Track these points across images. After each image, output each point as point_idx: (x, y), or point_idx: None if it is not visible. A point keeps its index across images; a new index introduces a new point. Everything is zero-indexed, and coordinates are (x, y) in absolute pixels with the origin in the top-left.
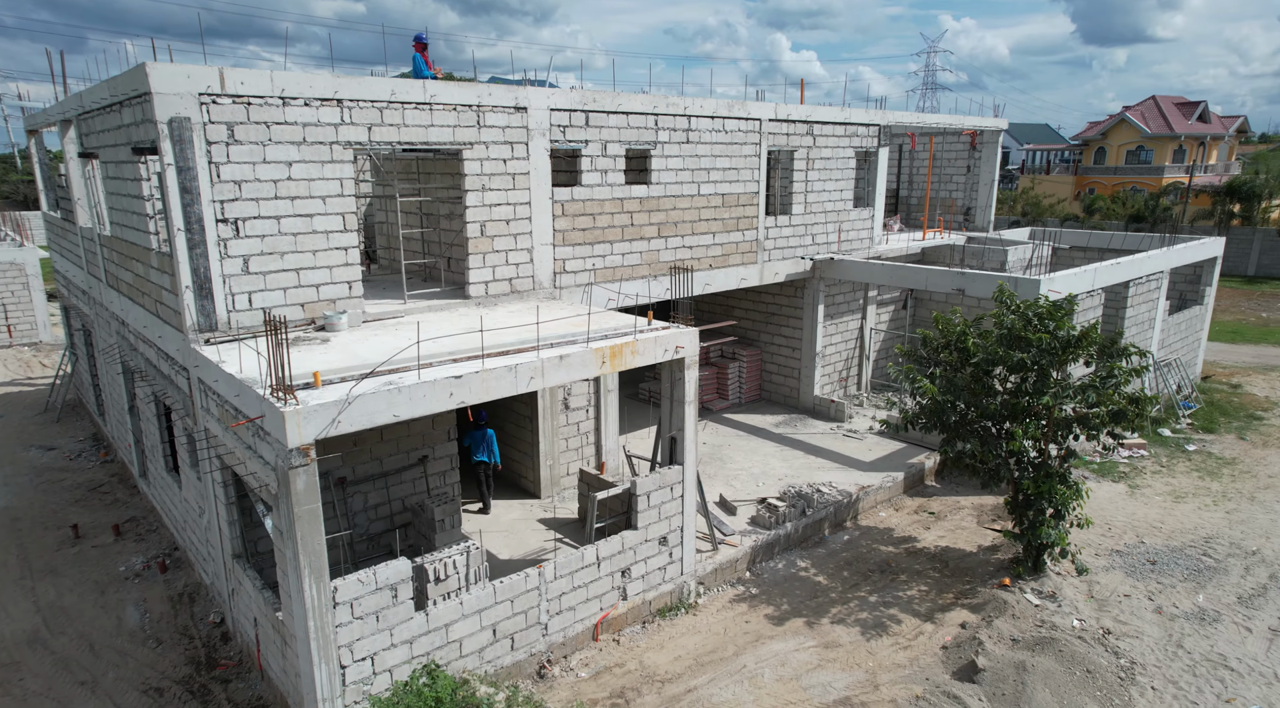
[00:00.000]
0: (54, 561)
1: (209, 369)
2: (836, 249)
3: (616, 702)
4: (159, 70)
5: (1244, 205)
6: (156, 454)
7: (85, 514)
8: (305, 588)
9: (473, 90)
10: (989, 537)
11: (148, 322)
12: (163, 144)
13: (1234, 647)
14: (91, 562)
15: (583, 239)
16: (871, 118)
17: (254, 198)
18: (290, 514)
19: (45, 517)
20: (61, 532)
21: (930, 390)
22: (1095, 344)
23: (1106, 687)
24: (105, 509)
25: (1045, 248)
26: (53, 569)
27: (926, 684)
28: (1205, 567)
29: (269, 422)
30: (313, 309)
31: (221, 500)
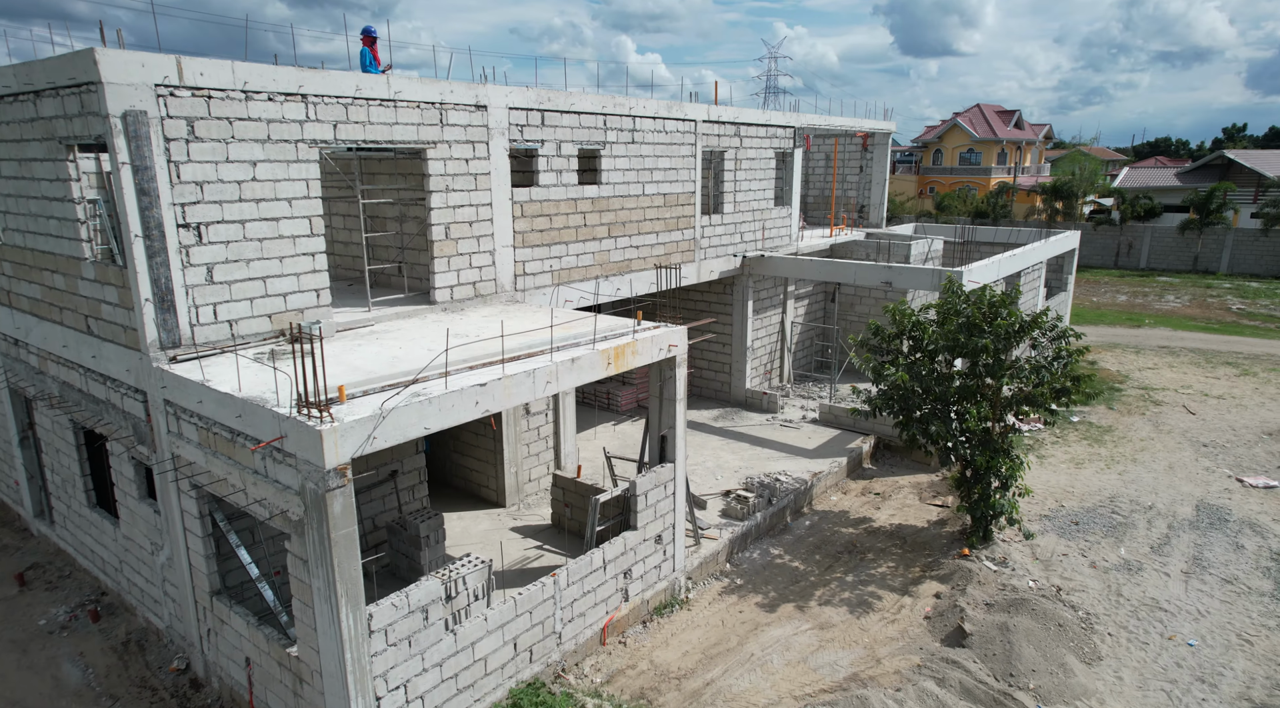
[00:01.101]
0: None
1: (188, 389)
2: (761, 246)
3: (640, 704)
4: (110, 58)
5: (1065, 203)
6: (73, 490)
7: None
8: (343, 618)
9: (435, 88)
10: (934, 512)
11: (70, 340)
12: (115, 140)
13: (1160, 590)
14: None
15: (540, 240)
16: (788, 120)
17: (217, 201)
18: (325, 540)
19: None
20: None
21: (903, 378)
22: (1041, 328)
23: (1076, 637)
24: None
25: (939, 242)
26: None
27: (922, 653)
28: (1117, 523)
29: (294, 442)
30: (281, 320)
31: (197, 533)
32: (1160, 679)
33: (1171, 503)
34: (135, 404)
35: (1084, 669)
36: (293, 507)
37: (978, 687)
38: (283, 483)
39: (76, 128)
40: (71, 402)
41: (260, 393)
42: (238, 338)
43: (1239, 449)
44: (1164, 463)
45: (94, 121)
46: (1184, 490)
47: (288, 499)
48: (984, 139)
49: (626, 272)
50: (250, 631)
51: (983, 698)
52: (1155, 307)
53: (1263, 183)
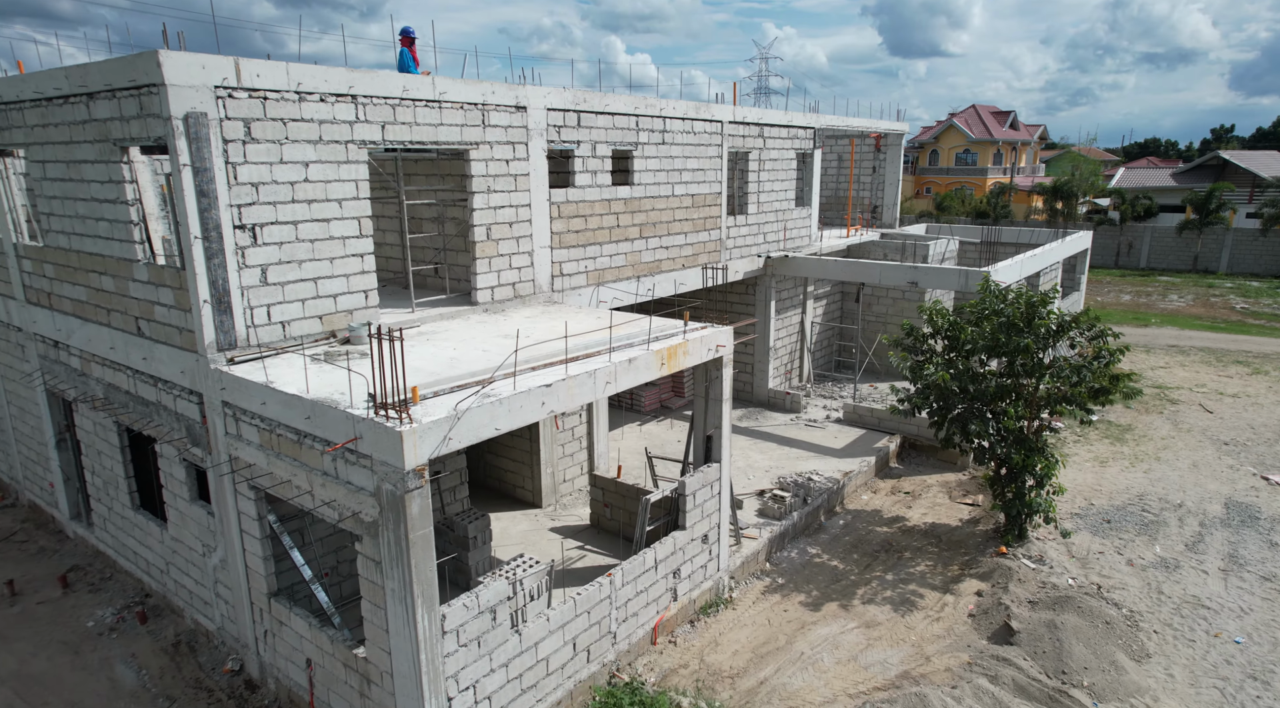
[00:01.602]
0: None
1: (250, 391)
2: (783, 247)
3: (696, 703)
4: (174, 60)
5: (1065, 203)
6: (115, 492)
7: (9, 569)
8: (419, 618)
9: (477, 88)
10: (965, 511)
11: (118, 342)
12: (176, 142)
13: (1200, 588)
14: (45, 620)
15: (576, 241)
16: (809, 121)
17: (271, 202)
18: (403, 541)
19: None
20: None
21: (944, 378)
22: (1082, 327)
23: (1124, 635)
24: (32, 560)
25: (954, 243)
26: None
27: (970, 651)
28: (1149, 521)
29: (370, 443)
30: (331, 321)
31: (255, 535)
32: (1212, 677)
33: (1200, 501)
34: (189, 406)
35: (1134, 667)
36: (366, 508)
37: (1031, 684)
38: (355, 485)
39: (134, 130)
40: (117, 404)
41: (329, 394)
42: (290, 339)
43: (1260, 447)
44: (1188, 461)
45: (154, 123)
46: (1211, 488)
47: (361, 501)
48: (980, 140)
49: (657, 272)
50: (313, 632)
51: (1037, 695)
52: (1160, 306)
53: (1258, 183)
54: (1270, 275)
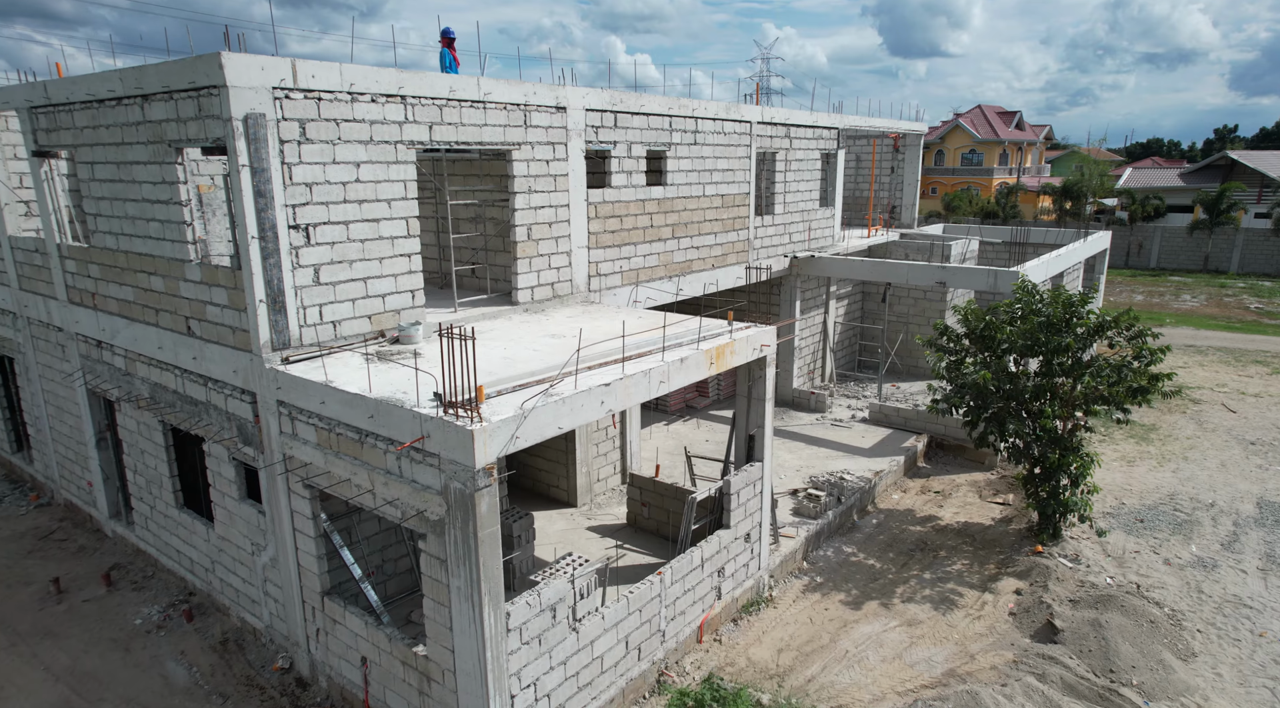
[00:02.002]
0: (43, 621)
1: (308, 390)
2: (807, 247)
3: (776, 700)
4: (235, 61)
5: (1074, 203)
6: (159, 491)
7: (51, 567)
8: (485, 616)
9: (520, 89)
10: (996, 510)
11: (166, 342)
12: (236, 143)
13: (1240, 588)
14: (92, 618)
15: (612, 241)
16: (833, 122)
17: (324, 202)
18: (471, 539)
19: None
20: (33, 588)
21: (985, 377)
22: (1121, 326)
23: (1169, 634)
24: (73, 559)
25: (975, 243)
26: (47, 631)
27: (1014, 649)
28: (1182, 520)
29: (438, 442)
30: (379, 321)
31: (309, 534)
32: (1261, 676)
33: (1232, 500)
34: (241, 405)
35: (1181, 666)
36: (432, 507)
37: (1080, 683)
38: (421, 483)
39: (191, 131)
40: (164, 403)
41: (392, 393)
42: (341, 339)
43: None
44: (1215, 461)
45: (213, 124)
46: (1241, 488)
47: (426, 499)
48: (986, 140)
49: (688, 272)
50: (370, 631)
51: (1087, 694)
52: (1173, 306)
53: (1267, 183)
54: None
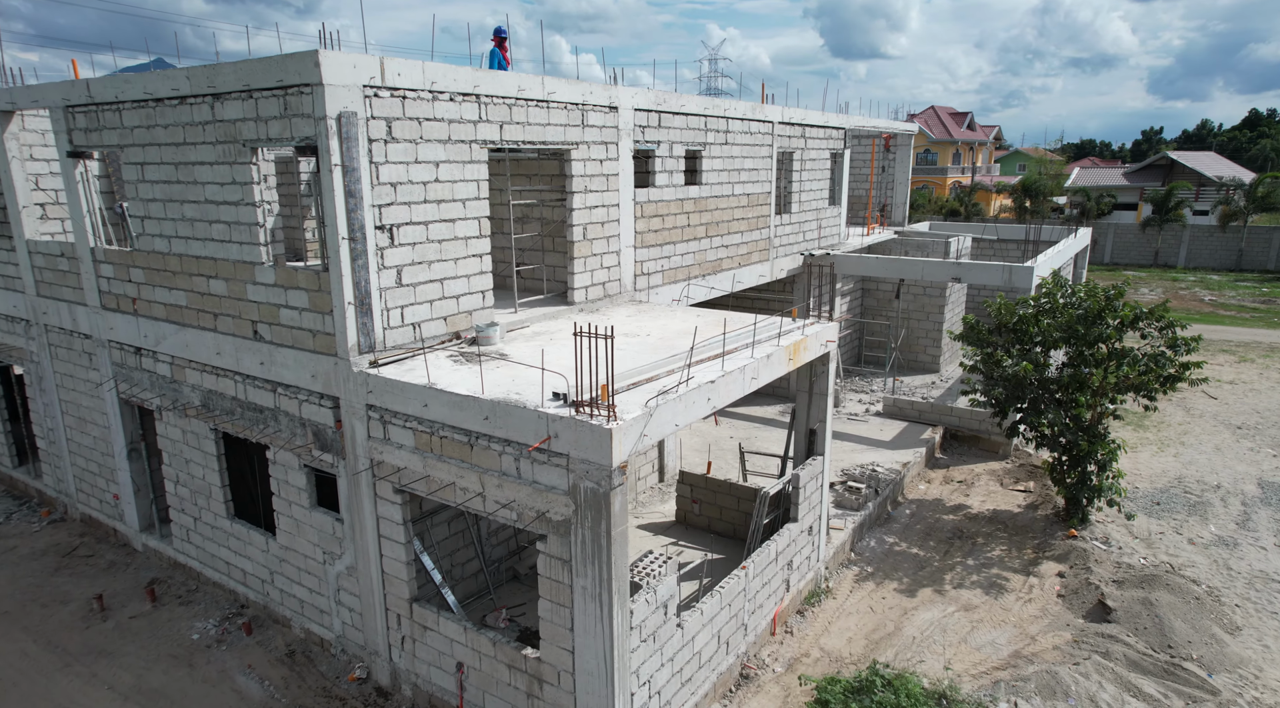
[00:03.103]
0: (93, 639)
1: (407, 393)
2: (819, 245)
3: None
4: (331, 59)
5: (1032, 201)
6: (206, 501)
7: (84, 584)
8: (614, 616)
9: (578, 89)
10: (1020, 497)
11: (226, 347)
12: (329, 142)
13: (1264, 564)
14: (144, 634)
15: (655, 240)
16: (841, 122)
17: (407, 202)
18: (603, 538)
19: (31, 594)
20: (72, 606)
21: (1027, 368)
22: (1154, 318)
23: (1213, 610)
24: (105, 575)
25: (968, 240)
26: (101, 649)
27: (1071, 630)
28: (1194, 502)
29: (568, 442)
30: (454, 323)
31: (398, 540)
32: None
33: (1235, 482)
34: (319, 411)
35: (1231, 639)
36: (556, 507)
37: (1143, 659)
38: (545, 484)
39: (273, 130)
40: (219, 411)
41: (505, 394)
42: (420, 341)
43: (1272, 431)
44: (1210, 445)
45: (301, 123)
46: (1240, 470)
47: (549, 500)
48: (940, 140)
49: (719, 270)
50: (470, 635)
51: (1152, 669)
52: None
53: (1203, 182)
54: (1225, 269)
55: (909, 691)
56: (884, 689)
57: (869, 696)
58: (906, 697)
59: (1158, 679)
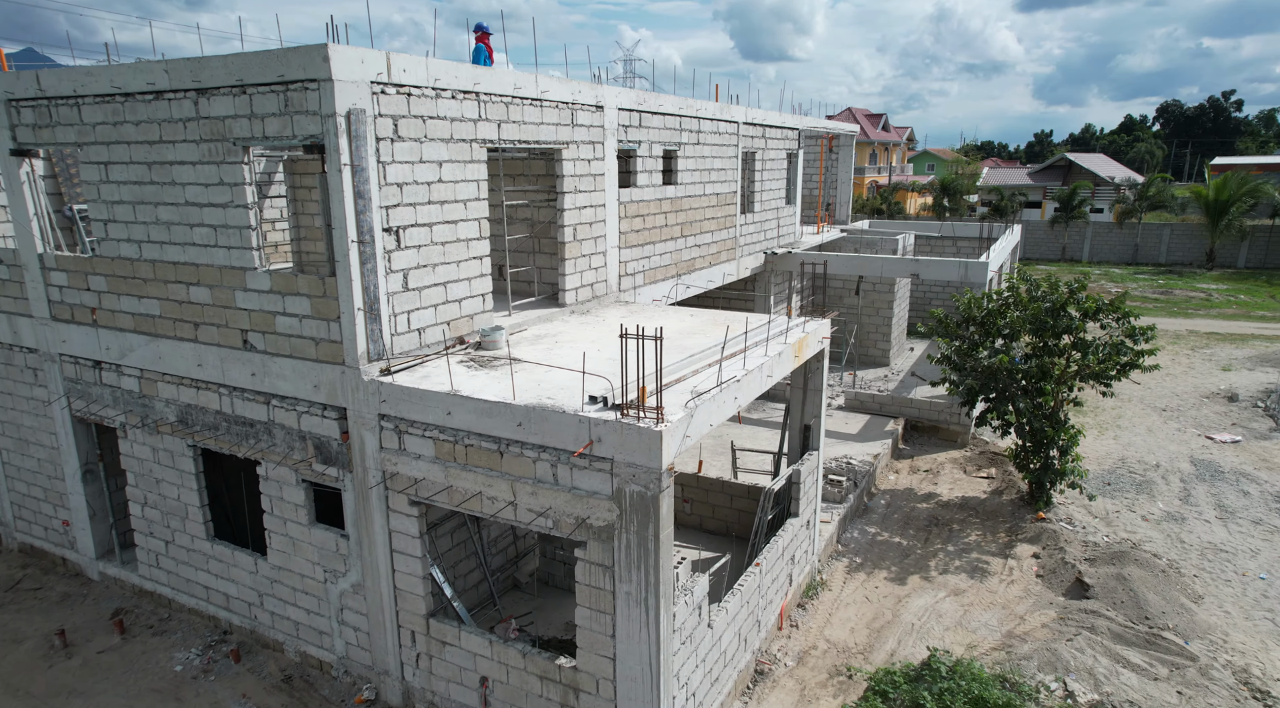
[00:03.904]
0: (60, 679)
1: (429, 401)
2: (779, 244)
3: (842, 680)
4: (341, 54)
5: (951, 199)
6: (183, 523)
7: (37, 619)
8: (661, 620)
9: (568, 87)
10: (984, 483)
11: (209, 358)
12: (338, 141)
13: (1210, 535)
14: (118, 670)
15: (637, 240)
16: (795, 122)
17: (412, 203)
18: (650, 542)
19: None
20: (29, 645)
21: (1004, 360)
22: (1116, 309)
23: (1178, 581)
24: (60, 609)
25: (911, 237)
26: (71, 689)
27: (1055, 607)
28: (1139, 481)
29: (613, 445)
30: (457, 327)
31: (414, 554)
32: (1258, 609)
33: (1171, 461)
34: (323, 422)
35: (1196, 608)
36: (597, 513)
37: (1126, 631)
38: (585, 490)
39: (271, 128)
40: (200, 426)
41: (537, 399)
42: (424, 347)
43: (1192, 412)
44: (1143, 427)
45: (305, 121)
46: (1172, 449)
47: (591, 506)
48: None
49: (692, 270)
50: (495, 648)
51: (1136, 641)
52: None
53: (1098, 182)
54: (1124, 262)
55: (973, 674)
56: (948, 677)
57: (935, 683)
58: (974, 680)
59: (1141, 650)
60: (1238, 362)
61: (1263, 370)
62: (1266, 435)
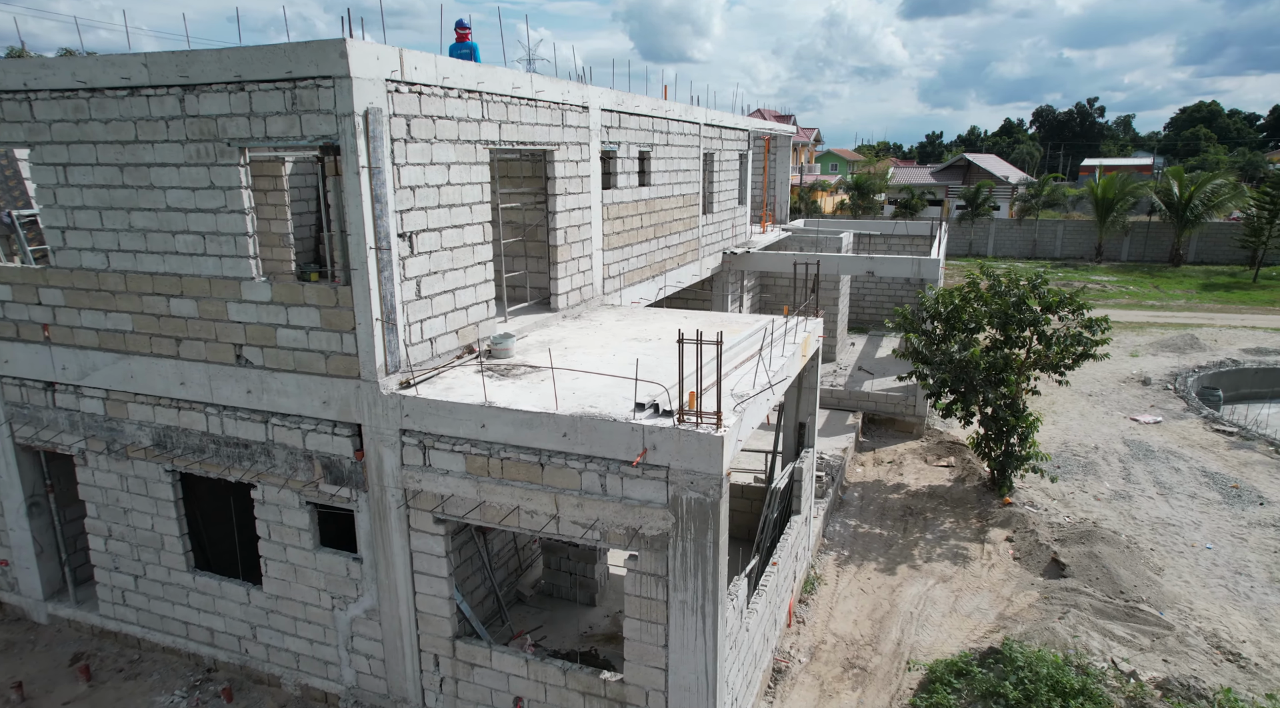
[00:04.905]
0: None
1: (461, 414)
2: (734, 244)
3: (857, 673)
4: (359, 49)
5: (864, 198)
6: (158, 555)
7: None
8: (718, 627)
9: (560, 87)
10: (946, 472)
11: (194, 376)
12: (355, 142)
13: (1156, 511)
14: None
15: (617, 242)
16: (746, 124)
17: (424, 207)
18: (708, 548)
19: None
20: None
21: (976, 353)
22: (1075, 303)
23: (1141, 556)
24: (7, 658)
25: (851, 235)
26: None
27: (1037, 587)
28: (1084, 463)
29: (669, 452)
30: (464, 335)
31: (439, 575)
32: (1212, 577)
33: (1107, 442)
34: (332, 441)
35: (1161, 580)
36: (650, 522)
37: (1106, 606)
38: (638, 499)
39: (274, 128)
40: (183, 449)
41: (579, 408)
42: (437, 357)
43: (1114, 396)
44: (1075, 412)
45: (316, 121)
46: (1105, 432)
47: (644, 515)
48: None
49: (664, 272)
50: (533, 667)
51: (1116, 614)
52: None
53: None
54: (1024, 257)
55: (1043, 659)
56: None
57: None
58: (1054, 667)
59: (1123, 623)
60: (1141, 348)
61: (1165, 355)
62: (1181, 415)
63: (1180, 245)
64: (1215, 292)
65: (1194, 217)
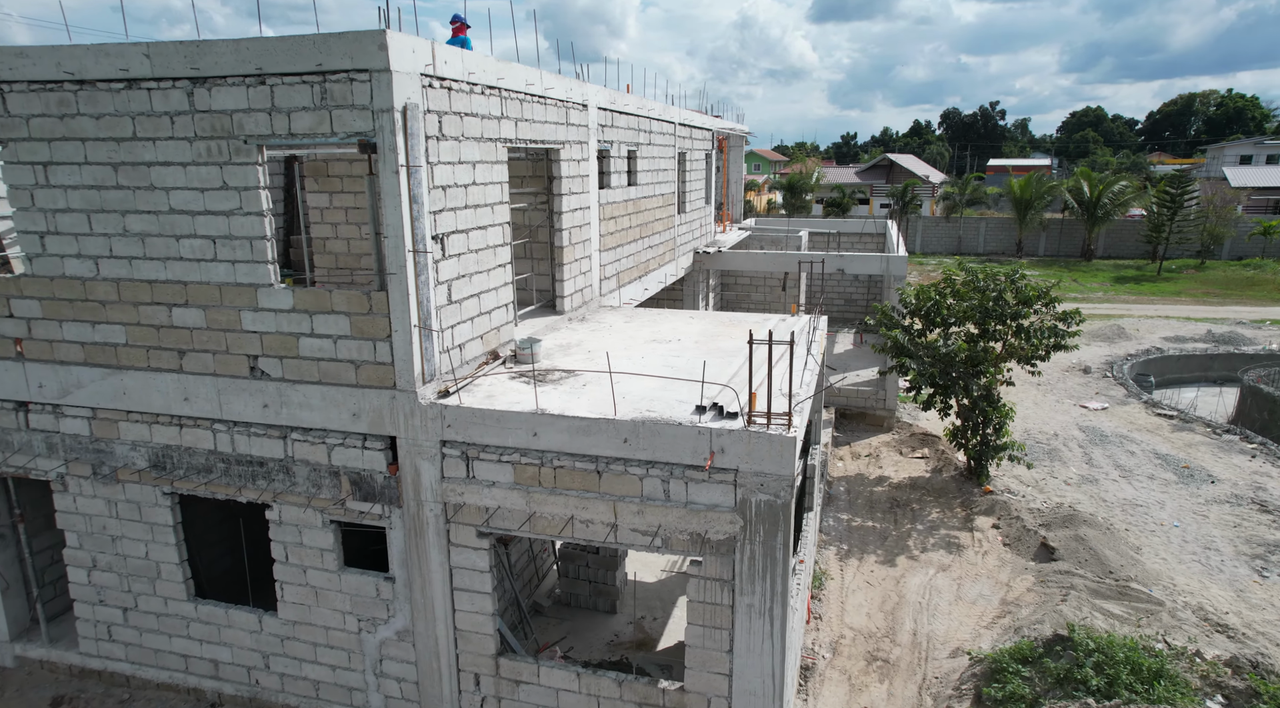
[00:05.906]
0: None
1: (507, 422)
2: (704, 244)
3: (881, 665)
4: (398, 42)
5: (796, 197)
6: (153, 584)
7: None
8: (787, 630)
9: (564, 84)
10: (922, 464)
11: (202, 391)
12: (394, 139)
13: (1123, 492)
14: None
15: (612, 243)
16: (710, 123)
17: (454, 208)
18: (776, 551)
19: None
20: None
21: (962, 347)
22: (1049, 298)
23: (1121, 537)
24: None
25: (806, 233)
26: None
27: (1031, 572)
28: (1049, 450)
29: (739, 455)
30: (489, 340)
31: (482, 590)
32: (1185, 554)
33: (1065, 430)
34: (363, 455)
35: (1143, 559)
36: (716, 526)
37: (1099, 586)
38: (703, 504)
39: (300, 125)
40: (187, 469)
41: (637, 412)
42: (464, 363)
43: (1060, 385)
44: (1030, 401)
45: (350, 117)
46: (1060, 420)
47: (709, 520)
48: None
49: (648, 271)
50: (586, 680)
51: (1109, 594)
52: None
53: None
54: (951, 253)
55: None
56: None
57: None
58: (1130, 649)
59: (1118, 602)
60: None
61: (1097, 345)
62: (1124, 401)
63: (1091, 241)
64: (1127, 284)
65: (1103, 214)
